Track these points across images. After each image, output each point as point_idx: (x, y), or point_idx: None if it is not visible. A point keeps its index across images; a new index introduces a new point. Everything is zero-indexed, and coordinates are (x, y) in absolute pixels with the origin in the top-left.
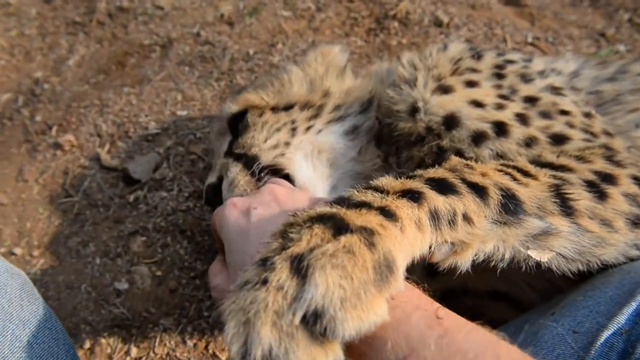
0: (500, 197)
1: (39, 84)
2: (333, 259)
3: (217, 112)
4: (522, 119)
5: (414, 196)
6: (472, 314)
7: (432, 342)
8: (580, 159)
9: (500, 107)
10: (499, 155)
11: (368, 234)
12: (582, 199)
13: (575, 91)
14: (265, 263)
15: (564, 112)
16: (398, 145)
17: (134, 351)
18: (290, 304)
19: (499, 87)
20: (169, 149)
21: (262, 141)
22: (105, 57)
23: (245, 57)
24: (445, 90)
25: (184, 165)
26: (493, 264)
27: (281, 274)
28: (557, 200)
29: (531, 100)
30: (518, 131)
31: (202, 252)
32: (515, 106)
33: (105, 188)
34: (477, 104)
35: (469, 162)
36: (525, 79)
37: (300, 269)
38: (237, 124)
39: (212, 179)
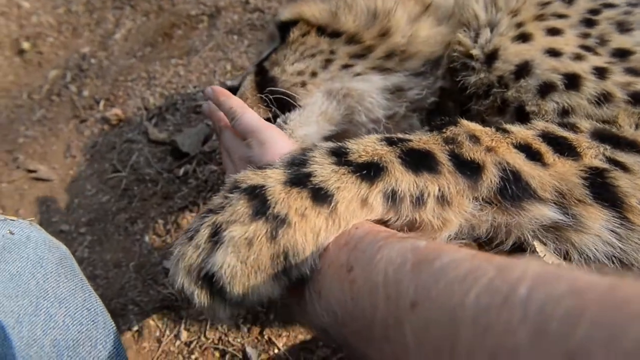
0: (499, 180)
1: (86, 59)
2: (236, 243)
3: None
4: (601, 72)
5: (370, 173)
6: None
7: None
8: None
9: (578, 57)
10: (565, 110)
11: (277, 224)
12: (638, 193)
13: None
14: (202, 219)
15: None
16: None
17: (184, 335)
18: (199, 264)
19: (585, 35)
20: None
21: (290, 63)
22: (152, 29)
23: None
24: (524, 38)
25: None
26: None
27: (202, 237)
28: (593, 189)
29: (622, 54)
30: (591, 85)
31: None
32: (598, 59)
33: (154, 162)
34: (554, 53)
35: (482, 131)
36: (623, 28)
37: (215, 238)
38: (289, 30)
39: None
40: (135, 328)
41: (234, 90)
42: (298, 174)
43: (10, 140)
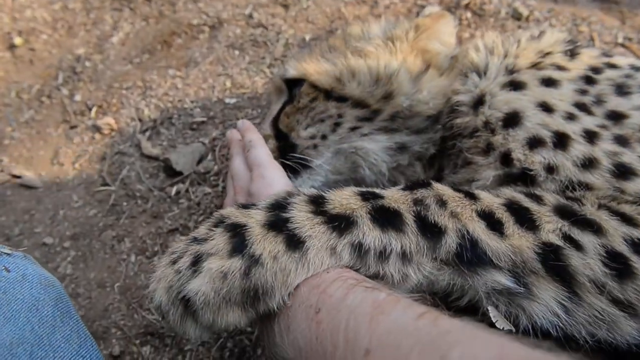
0: (456, 246)
1: (81, 61)
2: (212, 275)
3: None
4: (590, 137)
5: (341, 225)
6: None
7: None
8: (627, 220)
9: (570, 117)
10: (551, 167)
11: (251, 263)
12: (588, 271)
13: None
14: (187, 246)
15: None
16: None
17: None
18: (177, 287)
19: (582, 92)
20: (214, 140)
21: (304, 128)
22: (151, 35)
23: (300, 43)
24: (516, 86)
25: None
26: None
27: (184, 264)
28: (546, 263)
29: (616, 117)
30: (579, 148)
31: None
32: (590, 121)
33: (145, 178)
34: (546, 108)
35: (450, 196)
36: (622, 90)
37: (195, 266)
38: (295, 84)
39: None
40: (117, 353)
41: None
42: (277, 218)
43: None
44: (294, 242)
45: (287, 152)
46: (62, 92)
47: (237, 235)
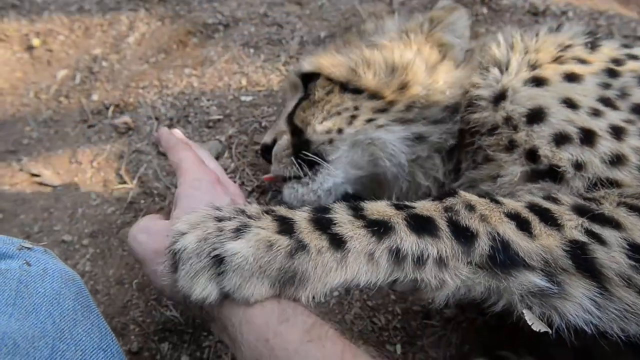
0: (489, 248)
1: (97, 61)
2: (259, 240)
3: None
4: (617, 132)
5: (380, 230)
6: None
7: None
8: None
9: (596, 113)
10: (579, 163)
11: (298, 247)
12: (614, 264)
13: None
14: (236, 214)
15: None
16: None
17: None
18: (214, 242)
19: (605, 86)
20: (231, 138)
21: (319, 122)
22: (166, 35)
23: (315, 40)
24: (539, 82)
25: (248, 157)
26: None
27: (229, 225)
28: (575, 260)
29: None
30: (606, 144)
31: None
32: (616, 116)
33: (162, 176)
34: (571, 104)
35: (477, 201)
36: None
37: (241, 231)
38: (310, 80)
39: (267, 138)
40: (135, 350)
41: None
42: (322, 218)
43: (14, 140)
44: (337, 241)
45: (300, 150)
46: (80, 91)
47: (285, 224)
